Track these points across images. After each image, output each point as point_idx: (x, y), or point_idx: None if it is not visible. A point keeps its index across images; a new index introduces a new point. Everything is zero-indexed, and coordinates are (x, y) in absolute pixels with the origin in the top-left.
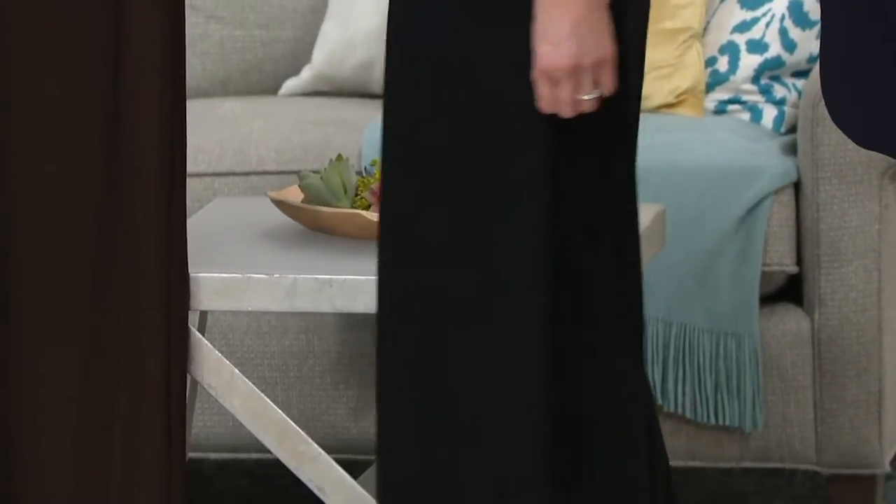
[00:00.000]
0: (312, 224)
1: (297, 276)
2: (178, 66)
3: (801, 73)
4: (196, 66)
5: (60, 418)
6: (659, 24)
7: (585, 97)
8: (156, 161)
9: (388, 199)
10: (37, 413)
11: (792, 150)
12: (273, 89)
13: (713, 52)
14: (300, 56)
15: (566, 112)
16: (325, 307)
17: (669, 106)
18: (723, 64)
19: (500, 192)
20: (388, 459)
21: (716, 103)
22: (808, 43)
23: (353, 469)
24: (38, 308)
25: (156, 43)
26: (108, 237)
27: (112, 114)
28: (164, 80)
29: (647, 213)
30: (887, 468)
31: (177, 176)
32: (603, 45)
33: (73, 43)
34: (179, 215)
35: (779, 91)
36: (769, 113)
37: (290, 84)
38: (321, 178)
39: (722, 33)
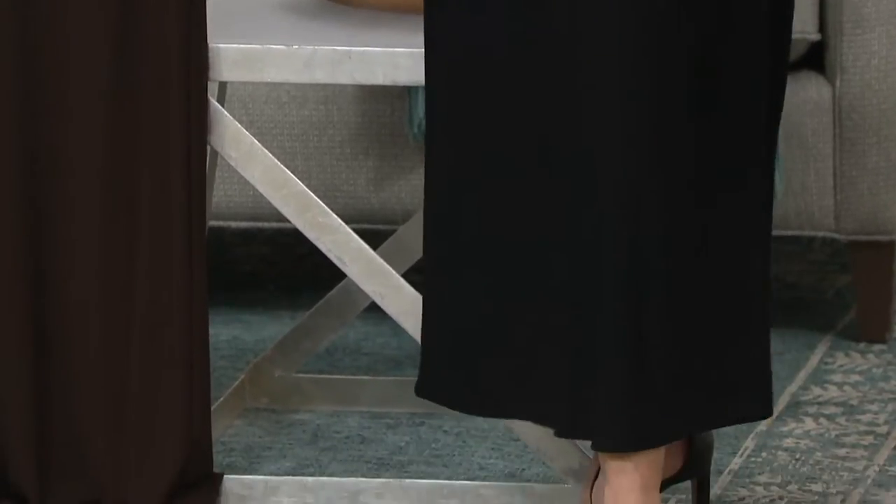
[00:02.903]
0: None
1: (315, 47)
2: None
3: None
4: None
5: (87, 197)
6: None
7: None
8: None
9: None
10: (64, 191)
11: None
12: None
13: None
14: None
15: None
16: (344, 79)
17: None
18: None
19: None
20: None
21: None
22: None
23: (373, 239)
24: (60, 84)
25: None
26: (128, 6)
27: None
28: None
29: None
30: None
31: None
32: None
33: None
34: None
35: None
36: None
37: None
38: None
39: None
